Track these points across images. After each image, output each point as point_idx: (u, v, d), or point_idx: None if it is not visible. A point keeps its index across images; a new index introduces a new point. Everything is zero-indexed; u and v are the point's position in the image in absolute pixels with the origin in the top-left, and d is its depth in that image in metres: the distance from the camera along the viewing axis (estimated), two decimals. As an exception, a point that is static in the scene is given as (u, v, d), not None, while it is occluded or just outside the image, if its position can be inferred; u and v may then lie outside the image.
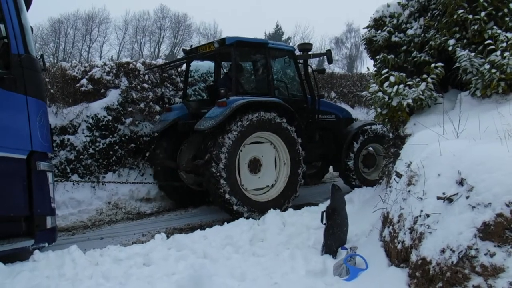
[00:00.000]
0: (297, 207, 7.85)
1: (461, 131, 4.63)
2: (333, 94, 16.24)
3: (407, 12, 7.56)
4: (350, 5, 71.80)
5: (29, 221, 5.41)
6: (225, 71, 10.26)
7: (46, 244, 5.63)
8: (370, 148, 10.18)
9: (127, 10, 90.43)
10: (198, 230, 6.76)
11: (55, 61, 44.41)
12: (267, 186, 8.54)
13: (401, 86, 6.34)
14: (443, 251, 3.54)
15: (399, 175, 4.86)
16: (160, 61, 12.08)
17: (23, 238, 5.35)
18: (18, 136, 5.32)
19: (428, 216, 3.87)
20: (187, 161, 8.99)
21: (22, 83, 5.32)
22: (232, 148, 7.74)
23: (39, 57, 6.05)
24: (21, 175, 5.35)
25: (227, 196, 7.64)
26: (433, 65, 6.32)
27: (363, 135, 9.91)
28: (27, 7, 5.90)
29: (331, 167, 11.17)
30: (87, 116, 9.77)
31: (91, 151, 9.67)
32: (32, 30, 5.97)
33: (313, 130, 9.57)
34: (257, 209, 7.93)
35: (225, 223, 7.00)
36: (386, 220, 4.89)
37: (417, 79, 6.44)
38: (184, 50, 9.99)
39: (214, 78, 10.66)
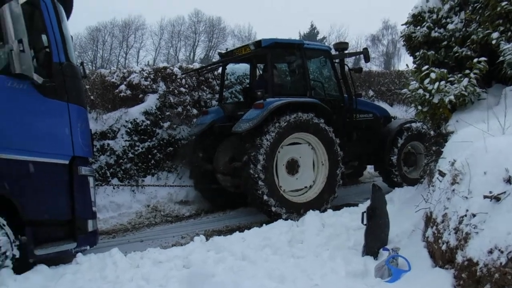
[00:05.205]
0: (336, 207, 7.77)
1: (507, 127, 4.46)
2: (370, 93, 16.04)
3: (447, 6, 7.37)
4: (386, 2, 70.87)
5: (72, 224, 5.50)
6: (261, 73, 10.23)
7: (88, 247, 5.72)
8: (410, 147, 9.99)
9: (163, 16, 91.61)
10: (237, 232, 6.76)
11: (94, 68, 45.43)
12: (305, 187, 8.46)
13: (443, 82, 6.19)
14: (490, 252, 3.40)
15: (442, 174, 4.72)
16: (196, 65, 12.17)
17: (65, 241, 5.44)
18: (60, 142, 5.43)
19: (474, 215, 3.73)
20: (225, 164, 9.00)
21: (64, 90, 5.42)
22: (270, 149, 7.71)
23: (79, 64, 6.17)
24: (64, 180, 5.45)
25: (265, 197, 7.60)
26: (475, 60, 6.14)
27: (407, 132, 9.77)
28: (67, 16, 6.02)
29: (368, 167, 11.01)
30: (126, 121, 9.93)
31: (130, 155, 9.81)
32: (72, 39, 6.09)
33: (350, 129, 9.45)
34: (296, 211, 7.86)
35: (264, 224, 6.96)
36: (429, 220, 4.76)
37: (459, 75, 6.27)
38: (220, 54, 10.03)
39: (250, 80, 10.65)
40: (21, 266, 5.06)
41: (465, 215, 3.85)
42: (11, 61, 4.85)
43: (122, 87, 10.42)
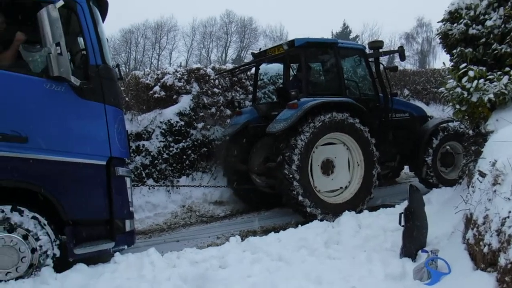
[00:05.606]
0: (373, 208, 7.68)
1: (550, 126, 4.33)
2: (406, 92, 15.83)
3: (484, 2, 7.19)
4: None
5: (110, 224, 5.58)
6: (294, 72, 10.21)
7: (126, 247, 5.79)
8: (448, 147, 9.80)
9: (194, 17, 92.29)
10: (272, 232, 6.74)
11: (127, 70, 46.11)
12: (341, 187, 8.40)
13: (481, 80, 6.06)
14: (535, 255, 3.31)
15: (482, 174, 4.61)
16: (229, 66, 12.22)
17: (104, 241, 5.51)
18: (98, 143, 5.50)
19: (517, 217, 3.64)
20: (259, 164, 9.00)
21: (100, 92, 5.48)
22: (305, 149, 7.67)
23: (115, 66, 6.26)
24: (102, 180, 5.52)
25: (300, 198, 7.57)
26: (516, 57, 5.99)
27: (443, 132, 9.59)
28: (103, 19, 6.11)
29: (405, 167, 10.84)
30: (161, 122, 10.04)
31: (165, 156, 9.92)
32: (107, 41, 6.18)
33: (386, 129, 9.32)
34: (331, 211, 7.81)
35: (299, 225, 6.94)
36: (469, 221, 4.65)
37: (499, 73, 6.13)
38: (253, 54, 10.05)
39: (283, 80, 10.63)
40: (61, 265, 5.19)
41: (508, 217, 3.75)
42: (49, 64, 4.94)
43: (156, 88, 10.55)
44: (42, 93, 5.08)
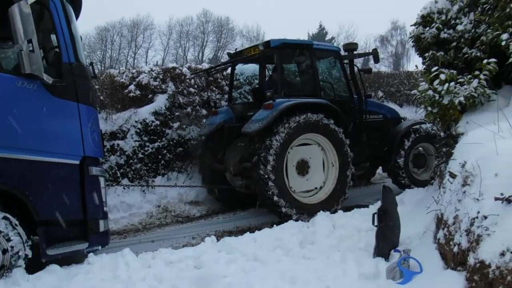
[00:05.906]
0: (347, 209, 7.76)
1: (517, 129, 4.44)
2: (380, 94, 16.01)
3: (456, 7, 7.33)
4: (395, 3, 70.58)
5: (83, 225, 5.53)
6: (270, 73, 10.25)
7: (100, 247, 5.76)
8: (420, 148, 9.96)
9: (171, 16, 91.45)
10: (247, 232, 6.78)
11: (102, 68, 45.58)
12: (316, 188, 8.46)
13: (452, 83, 6.17)
14: (502, 254, 3.39)
15: (453, 176, 4.71)
16: (205, 65, 12.20)
17: (77, 241, 5.47)
18: (71, 142, 5.45)
19: (485, 217, 3.72)
20: (235, 164, 9.01)
21: (74, 90, 5.43)
22: (280, 150, 7.71)
23: (89, 65, 6.19)
24: (75, 180, 5.47)
25: (275, 198, 7.61)
26: (485, 61, 6.10)
27: (415, 133, 9.73)
28: (76, 16, 6.04)
29: (379, 168, 10.98)
30: (136, 121, 9.96)
31: (140, 155, 9.85)
32: (81, 39, 6.12)
33: (360, 130, 9.42)
34: (306, 212, 7.86)
35: (274, 225, 6.99)
36: (440, 221, 4.76)
37: (469, 76, 6.24)
38: (229, 54, 10.05)
39: (259, 81, 10.67)
40: (33, 266, 5.12)
41: (477, 217, 3.84)
42: (21, 61, 4.87)
43: (132, 87, 10.46)
44: (13, 91, 4.98)
